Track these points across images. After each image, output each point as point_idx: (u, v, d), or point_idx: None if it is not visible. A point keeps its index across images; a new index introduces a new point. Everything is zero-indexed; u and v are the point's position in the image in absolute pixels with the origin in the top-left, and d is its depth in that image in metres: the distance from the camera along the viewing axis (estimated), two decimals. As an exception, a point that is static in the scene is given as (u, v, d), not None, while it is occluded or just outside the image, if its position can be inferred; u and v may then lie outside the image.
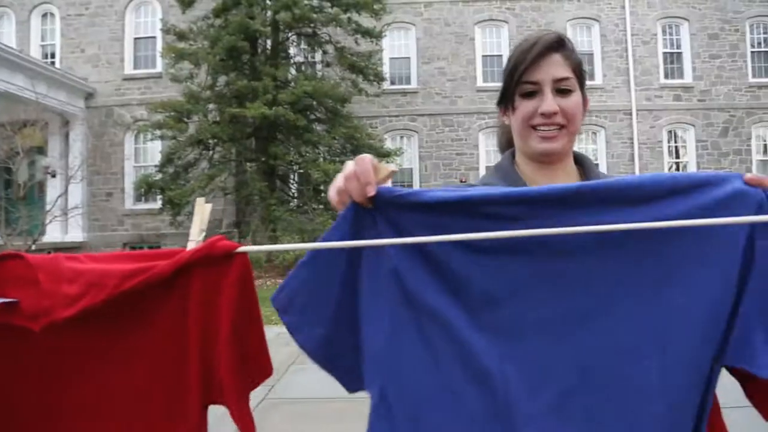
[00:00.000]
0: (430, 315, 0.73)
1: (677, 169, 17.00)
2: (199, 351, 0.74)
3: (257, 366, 0.79)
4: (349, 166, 0.83)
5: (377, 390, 0.74)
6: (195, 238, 0.76)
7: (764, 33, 17.08)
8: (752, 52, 16.98)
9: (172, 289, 0.74)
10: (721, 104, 16.82)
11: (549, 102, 1.11)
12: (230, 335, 0.74)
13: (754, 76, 16.92)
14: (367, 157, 0.82)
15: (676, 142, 17.06)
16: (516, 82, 1.14)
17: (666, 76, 17.02)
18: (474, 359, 0.72)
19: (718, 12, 16.93)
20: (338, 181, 0.83)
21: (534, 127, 1.14)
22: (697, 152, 16.77)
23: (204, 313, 0.74)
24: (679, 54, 17.09)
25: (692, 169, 16.69)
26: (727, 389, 0.86)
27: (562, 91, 1.13)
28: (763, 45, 17.08)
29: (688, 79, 16.96)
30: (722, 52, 16.85)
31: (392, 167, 0.81)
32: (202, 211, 0.80)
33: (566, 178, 1.18)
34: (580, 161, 1.25)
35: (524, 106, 1.14)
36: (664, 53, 17.06)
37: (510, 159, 1.25)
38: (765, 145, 17.03)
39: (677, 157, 17.03)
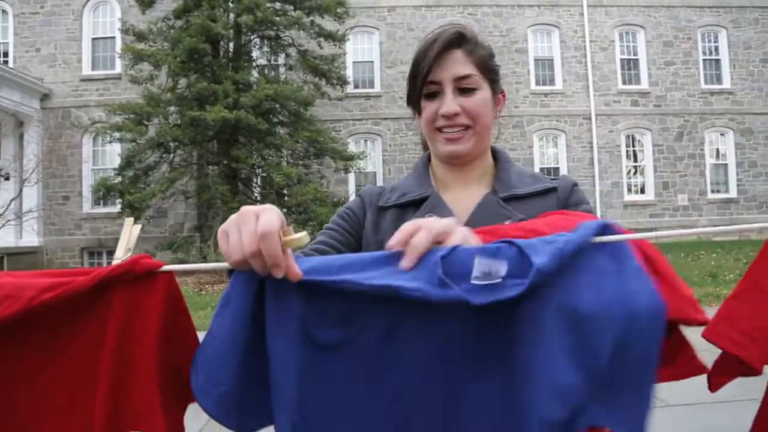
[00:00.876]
0: (336, 353, 0.73)
1: (636, 172, 17.46)
2: (110, 380, 0.71)
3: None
4: (249, 235, 0.68)
5: (289, 427, 0.74)
6: (120, 257, 0.76)
7: (714, 42, 17.71)
8: (704, 59, 17.58)
9: (91, 307, 0.72)
10: (675, 110, 17.34)
11: (448, 103, 1.07)
12: (155, 357, 0.72)
13: (706, 82, 17.51)
14: (274, 232, 0.67)
15: (633, 146, 17.52)
16: (418, 82, 1.10)
17: (623, 82, 17.47)
18: (381, 391, 0.73)
19: (672, 20, 17.47)
20: (236, 246, 0.69)
21: (439, 129, 1.10)
22: (654, 156, 17.24)
23: (122, 335, 0.72)
24: (636, 60, 17.56)
25: (650, 172, 17.15)
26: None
27: (464, 90, 1.08)
28: (714, 53, 17.69)
29: (644, 84, 17.45)
30: (676, 59, 17.39)
31: (304, 239, 0.71)
32: (130, 231, 0.79)
33: (479, 180, 1.16)
34: (497, 159, 1.21)
35: (428, 108, 1.10)
36: (622, 59, 17.50)
37: (425, 160, 1.22)
38: (717, 150, 17.61)
39: (635, 160, 17.48)
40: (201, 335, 0.76)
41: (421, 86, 1.10)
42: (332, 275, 0.71)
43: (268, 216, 0.70)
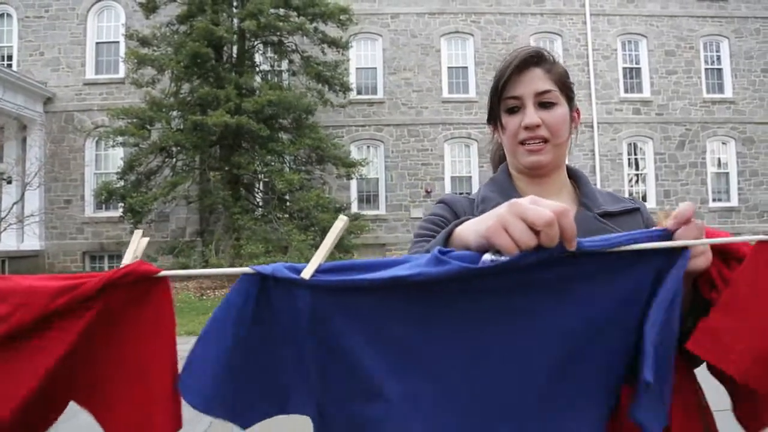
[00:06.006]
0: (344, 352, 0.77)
1: (637, 180, 17.48)
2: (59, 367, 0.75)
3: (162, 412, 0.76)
4: (546, 212, 0.69)
5: (314, 409, 0.79)
6: (127, 263, 0.78)
7: (716, 51, 17.77)
8: (706, 69, 17.64)
9: (86, 310, 0.75)
10: (677, 118, 17.37)
11: (530, 114, 1.13)
12: (132, 364, 0.76)
13: (708, 92, 17.56)
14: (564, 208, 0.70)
15: (635, 154, 17.54)
16: (499, 98, 1.17)
17: (626, 91, 17.52)
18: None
19: (674, 30, 17.54)
20: (519, 223, 0.69)
21: (521, 143, 1.16)
22: (656, 164, 17.27)
23: (105, 335, 0.76)
24: (638, 69, 17.62)
25: (651, 180, 17.18)
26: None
27: (544, 105, 1.14)
28: (716, 63, 17.75)
29: (646, 93, 17.49)
30: (678, 68, 17.45)
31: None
32: (138, 241, 0.81)
33: (557, 192, 1.22)
34: (574, 176, 1.27)
35: (511, 123, 1.17)
36: (624, 68, 17.56)
37: (506, 172, 1.27)
38: (719, 159, 17.64)
39: (637, 168, 17.51)
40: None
41: (499, 100, 1.17)
42: (343, 275, 0.75)
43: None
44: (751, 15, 17.70)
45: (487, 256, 0.71)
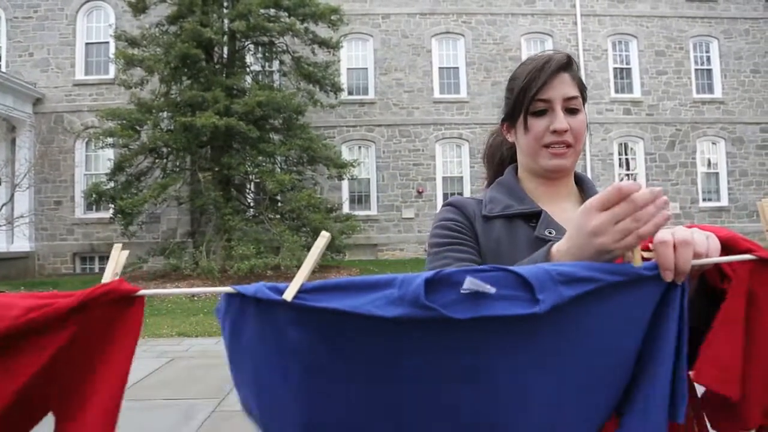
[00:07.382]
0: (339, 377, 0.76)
1: (628, 180, 17.53)
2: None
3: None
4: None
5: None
6: (106, 281, 0.77)
7: (706, 52, 17.88)
8: (696, 69, 17.75)
9: (62, 326, 0.74)
10: (667, 119, 17.46)
11: (561, 119, 1.13)
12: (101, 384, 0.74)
13: (697, 92, 17.68)
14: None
15: (626, 154, 17.62)
16: (528, 99, 1.15)
17: (616, 91, 17.59)
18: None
19: (664, 30, 17.63)
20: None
21: (545, 146, 1.16)
22: (646, 164, 17.36)
23: (80, 350, 0.74)
24: (629, 69, 17.70)
25: (642, 180, 17.25)
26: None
27: (570, 110, 1.14)
28: (705, 63, 17.86)
29: (637, 93, 17.58)
30: (668, 68, 17.54)
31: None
32: (118, 256, 0.80)
33: (567, 195, 1.23)
34: (579, 181, 1.28)
35: (537, 126, 1.15)
36: (615, 68, 17.64)
37: (513, 175, 1.27)
38: (709, 159, 17.75)
39: (628, 168, 17.58)
40: (190, 341, 0.77)
41: (529, 102, 1.15)
42: (326, 300, 0.73)
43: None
44: (740, 16, 17.82)
45: (470, 284, 0.70)
